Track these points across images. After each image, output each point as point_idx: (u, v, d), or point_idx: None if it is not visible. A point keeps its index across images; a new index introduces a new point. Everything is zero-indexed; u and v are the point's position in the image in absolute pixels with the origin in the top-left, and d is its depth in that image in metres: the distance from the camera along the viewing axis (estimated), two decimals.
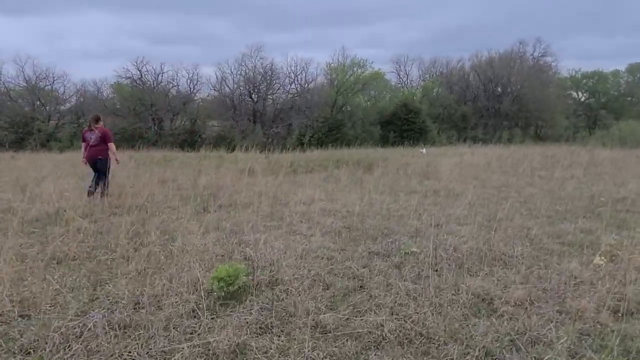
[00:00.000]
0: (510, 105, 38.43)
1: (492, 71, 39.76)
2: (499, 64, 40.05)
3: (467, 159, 16.75)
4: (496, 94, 40.13)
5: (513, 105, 38.48)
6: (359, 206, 6.67)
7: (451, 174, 11.72)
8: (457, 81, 41.41)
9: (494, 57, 40.54)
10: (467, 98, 41.12)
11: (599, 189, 8.87)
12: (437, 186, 8.87)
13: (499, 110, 38.96)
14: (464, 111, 39.54)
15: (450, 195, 7.96)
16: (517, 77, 39.71)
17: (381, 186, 9.23)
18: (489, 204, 7.02)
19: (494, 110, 39.52)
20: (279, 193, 7.78)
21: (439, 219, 5.69)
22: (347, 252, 4.21)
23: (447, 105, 39.52)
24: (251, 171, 12.25)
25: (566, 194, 8.26)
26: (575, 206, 6.83)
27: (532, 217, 6.05)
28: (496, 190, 8.79)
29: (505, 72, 39.46)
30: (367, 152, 22.84)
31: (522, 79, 39.30)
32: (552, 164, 14.94)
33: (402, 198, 7.71)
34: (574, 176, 11.44)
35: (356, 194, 8.04)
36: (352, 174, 11.51)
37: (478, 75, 40.40)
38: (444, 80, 42.37)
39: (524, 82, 38.81)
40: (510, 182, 10.01)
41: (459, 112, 39.64)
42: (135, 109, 31.65)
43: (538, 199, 7.60)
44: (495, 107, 39.30)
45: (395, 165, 14.48)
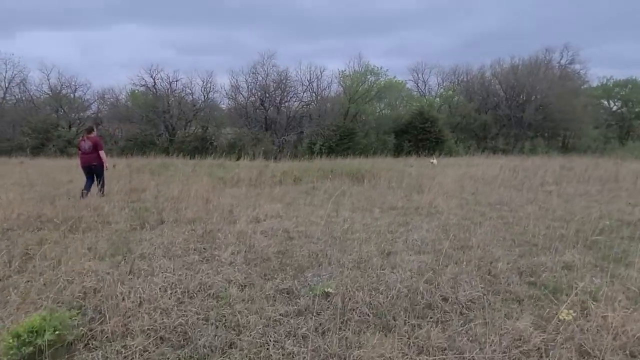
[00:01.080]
0: (534, 114, 36.59)
1: (515, 78, 38.07)
2: (522, 71, 38.33)
3: (476, 170, 15.59)
4: (519, 102, 38.34)
5: (537, 114, 36.63)
6: (316, 225, 5.87)
7: (448, 188, 10.71)
8: (477, 89, 39.87)
9: (517, 64, 38.86)
10: (487, 107, 39.49)
11: (609, 209, 7.71)
12: (423, 202, 7.93)
13: (522, 120, 37.16)
14: (484, 120, 37.98)
15: (430, 214, 7.02)
16: (541, 84, 37.84)
17: (362, 200, 8.37)
18: (471, 226, 6.06)
19: (517, 120, 37.73)
20: (239, 207, 7.06)
21: (397, 245, 4.81)
22: (252, 290, 3.41)
23: (466, 114, 38.05)
24: (235, 181, 11.64)
25: (568, 214, 7.17)
26: (571, 231, 5.78)
27: (513, 244, 5.07)
28: (489, 208, 7.77)
29: (529, 80, 37.68)
30: (374, 161, 21.92)
31: (547, 86, 37.41)
32: (568, 177, 13.64)
33: (373, 216, 6.83)
34: (588, 192, 10.22)
35: (324, 210, 7.22)
36: (340, 186, 10.68)
37: (499, 82, 38.78)
38: (464, 89, 40.93)
39: (548, 90, 36.91)
40: (510, 198, 8.93)
41: (479, 121, 38.11)
42: (147, 116, 31.84)
43: (532, 220, 6.56)
44: (517, 116, 37.52)
45: (395, 176, 13.55)
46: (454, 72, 42.06)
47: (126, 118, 33.60)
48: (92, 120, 33.24)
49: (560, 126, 37.88)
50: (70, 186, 9.67)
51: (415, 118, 34.65)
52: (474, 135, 39.12)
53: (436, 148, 33.27)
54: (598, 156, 26.76)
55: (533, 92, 38.09)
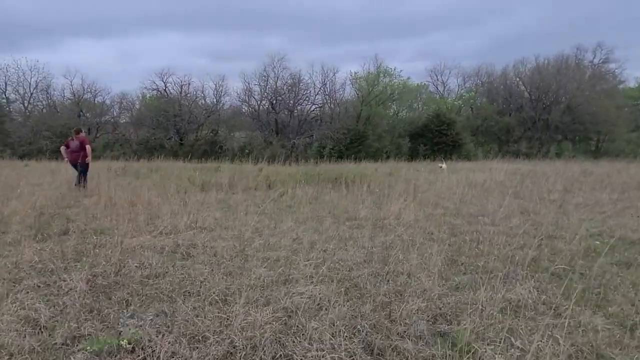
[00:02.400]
0: (561, 116, 34.30)
1: (541, 79, 35.90)
2: (548, 71, 36.12)
3: (483, 176, 14.24)
4: (545, 104, 36.12)
5: (564, 116, 34.32)
6: (235, 240, 4.97)
7: (438, 195, 9.57)
8: (500, 90, 37.88)
9: (543, 63, 36.67)
10: (510, 109, 37.45)
11: (612, 224, 6.41)
12: (390, 212, 6.87)
13: (548, 122, 34.95)
14: (507, 123, 35.97)
15: (387, 227, 5.97)
16: (570, 85, 35.50)
17: (324, 209, 7.40)
18: (424, 245, 4.99)
19: (542, 122, 35.53)
20: (176, 215, 6.24)
21: (306, 269, 3.85)
22: (42, 334, 2.55)
23: (487, 116, 36.18)
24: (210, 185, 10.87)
25: (557, 229, 5.95)
26: (546, 253, 4.63)
27: (457, 271, 4.00)
28: (464, 221, 6.63)
29: (556, 80, 35.43)
30: (380, 166, 20.82)
31: (575, 87, 35.06)
32: (584, 184, 12.14)
33: (321, 228, 5.86)
34: (599, 202, 8.84)
35: (272, 220, 6.31)
36: (316, 192, 9.74)
37: (523, 83, 36.69)
38: (486, 90, 39.02)
39: (577, 91, 34.56)
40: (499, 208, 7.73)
41: (501, 123, 36.14)
42: (158, 120, 31.91)
43: (506, 236, 5.41)
44: (543, 118, 35.33)
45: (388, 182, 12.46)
46: (477, 73, 40.18)
47: (139, 122, 33.86)
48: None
49: (591, 129, 35.38)
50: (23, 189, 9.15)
51: (432, 121, 33.16)
52: (496, 139, 37.17)
53: (453, 152, 31.71)
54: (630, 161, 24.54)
55: (560, 93, 35.80)
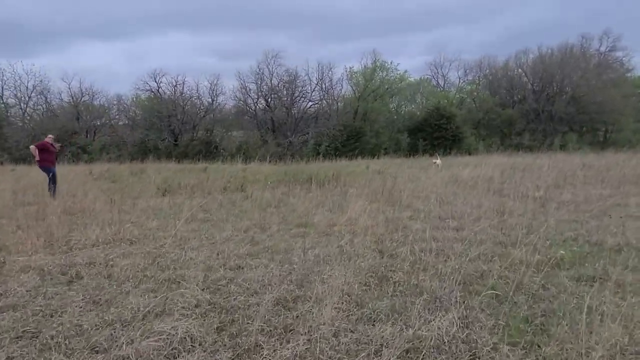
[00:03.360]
0: (565, 107, 33.19)
1: (544, 69, 34.80)
2: (552, 61, 34.99)
3: (473, 171, 13.50)
4: (548, 94, 35.00)
5: (568, 107, 33.20)
6: (143, 257, 4.39)
7: (412, 196, 8.91)
8: (502, 82, 36.82)
9: (546, 53, 35.53)
10: (513, 101, 36.41)
11: (592, 227, 5.70)
12: (346, 217, 6.23)
13: (551, 114, 33.86)
14: (509, 115, 34.93)
15: (334, 235, 5.35)
16: (575, 74, 34.34)
17: (280, 214, 6.79)
18: (363, 257, 4.36)
19: (546, 114, 34.44)
20: (100, 226, 5.68)
21: (198, 294, 3.24)
22: None
23: (488, 109, 35.18)
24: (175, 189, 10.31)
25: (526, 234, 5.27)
26: (495, 269, 3.97)
27: (380, 294, 3.37)
28: (429, 225, 5.97)
29: (559, 70, 34.29)
30: (370, 163, 20.11)
31: (580, 76, 33.89)
32: (580, 178, 11.36)
33: (258, 237, 5.25)
34: (588, 199, 8.11)
35: (211, 228, 5.73)
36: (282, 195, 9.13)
37: (525, 74, 35.61)
38: (487, 82, 37.98)
39: (581, 80, 33.40)
40: (474, 209, 7.05)
41: (503, 116, 35.11)
42: (151, 121, 31.54)
43: (465, 244, 4.76)
44: (546, 109, 34.24)
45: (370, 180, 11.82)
46: (479, 65, 39.05)
47: (134, 123, 33.56)
48: None
49: (597, 119, 34.20)
50: None
51: (431, 115, 32.30)
52: (499, 132, 36.15)
53: (453, 146, 30.83)
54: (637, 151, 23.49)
55: (565, 83, 34.66)
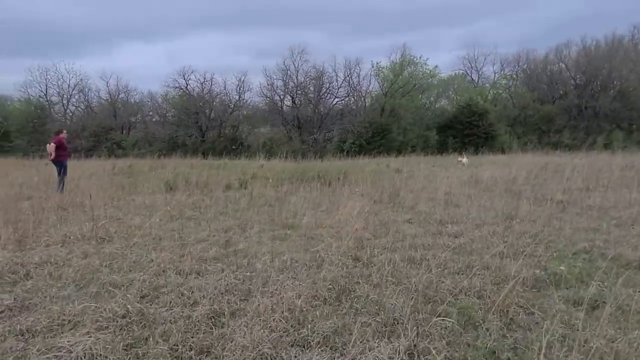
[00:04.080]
0: (611, 103, 30.90)
1: (588, 62, 32.56)
2: (597, 54, 32.68)
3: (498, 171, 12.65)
4: (593, 90, 32.71)
5: (614, 102, 30.89)
6: (95, 258, 4.18)
7: (423, 196, 8.34)
8: (541, 77, 34.79)
9: (590, 46, 33.21)
10: (553, 97, 34.35)
11: (615, 237, 4.99)
12: (336, 219, 5.81)
13: (595, 110, 31.64)
14: (548, 111, 32.96)
15: (316, 239, 4.95)
16: (623, 68, 31.91)
17: (272, 214, 6.46)
18: (334, 266, 3.95)
19: (590, 110, 32.22)
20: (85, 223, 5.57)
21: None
22: None
23: (525, 105, 33.33)
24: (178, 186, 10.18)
25: (531, 244, 4.66)
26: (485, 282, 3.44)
27: (330, 311, 2.96)
28: (425, 230, 5.45)
29: (605, 64, 31.96)
30: (392, 161, 19.45)
31: (629, 70, 31.45)
32: (615, 181, 10.31)
33: (235, 239, 4.95)
34: (616, 205, 7.25)
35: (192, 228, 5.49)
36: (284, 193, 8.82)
37: (567, 68, 33.45)
38: (525, 77, 36.01)
39: (630, 74, 30.99)
40: (480, 213, 6.43)
41: (541, 112, 33.17)
42: (180, 118, 32.19)
43: (454, 254, 4.24)
44: (590, 106, 32.02)
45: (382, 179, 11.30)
46: (517, 59, 37.01)
47: (164, 120, 34.39)
48: None
49: None
50: None
51: (462, 112, 31.01)
52: (536, 129, 34.18)
53: (485, 144, 29.49)
54: None
55: (612, 77, 32.27)
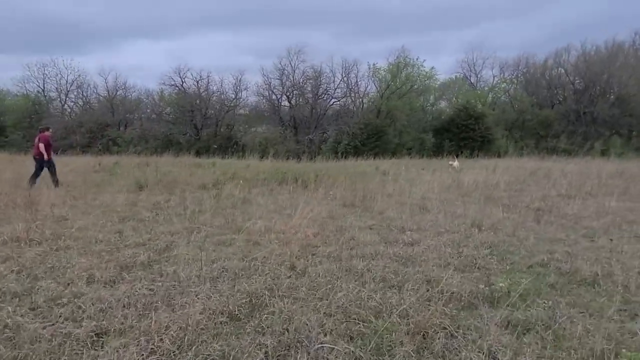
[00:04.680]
0: (609, 108, 30.50)
1: (587, 67, 32.18)
2: (596, 59, 32.30)
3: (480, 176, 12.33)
4: (592, 95, 32.30)
5: (613, 108, 30.49)
6: None
7: (394, 202, 8.05)
8: (540, 81, 34.42)
9: (590, 50, 32.83)
10: (552, 101, 33.98)
11: (580, 249, 4.70)
12: (290, 225, 5.53)
13: (593, 116, 31.26)
14: (546, 116, 32.59)
15: (261, 245, 4.68)
16: (623, 74, 31.50)
17: (231, 217, 6.19)
18: (262, 275, 3.67)
19: (588, 116, 31.83)
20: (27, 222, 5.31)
21: None
22: None
23: (524, 109, 32.97)
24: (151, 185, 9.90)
25: (488, 255, 4.38)
26: (393, 301, 3.16)
27: None
28: (382, 237, 5.16)
29: (604, 69, 31.56)
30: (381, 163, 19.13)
31: (629, 76, 31.04)
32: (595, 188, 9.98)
33: (169, 242, 4.68)
34: (596, 213, 6.95)
35: (132, 231, 5.22)
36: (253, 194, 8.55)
37: (566, 72, 33.07)
38: (524, 81, 35.66)
39: (630, 80, 30.58)
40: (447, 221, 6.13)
41: (540, 117, 32.80)
42: (175, 116, 31.99)
43: (397, 264, 3.96)
44: (588, 111, 31.63)
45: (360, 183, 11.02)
46: (517, 63, 36.60)
47: (159, 117, 34.16)
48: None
49: None
50: None
51: (458, 115, 30.67)
52: (534, 134, 33.79)
53: (482, 148, 29.17)
54: None
55: (611, 82, 31.85)
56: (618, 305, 3.18)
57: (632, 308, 3.11)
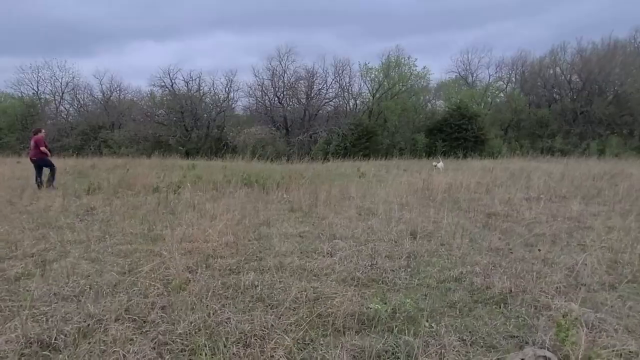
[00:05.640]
0: (606, 107, 29.86)
1: (583, 66, 31.55)
2: (592, 58, 31.65)
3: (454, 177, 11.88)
4: (589, 94, 31.64)
5: (610, 107, 29.85)
6: None
7: (347, 206, 7.64)
8: (536, 80, 33.81)
9: (586, 48, 32.18)
10: (548, 100, 33.36)
11: (507, 261, 4.27)
12: (195, 233, 5.14)
13: (590, 114, 30.61)
14: (542, 116, 32.00)
15: (155, 255, 4.29)
16: (622, 72, 30.85)
17: (153, 224, 5.82)
18: (129, 289, 3.28)
19: (585, 115, 31.18)
20: None
21: None
22: None
23: (519, 109, 32.40)
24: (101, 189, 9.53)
25: (390, 270, 3.96)
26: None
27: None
28: (297, 249, 4.77)
29: (602, 67, 30.90)
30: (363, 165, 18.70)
31: (625, 74, 30.40)
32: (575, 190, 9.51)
33: (65, 252, 4.30)
34: (554, 219, 6.50)
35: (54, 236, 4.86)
36: (200, 196, 8.17)
37: (562, 71, 32.45)
38: (520, 80, 35.06)
39: (627, 78, 29.93)
40: (383, 229, 5.71)
41: (537, 116, 32.21)
42: (165, 116, 31.77)
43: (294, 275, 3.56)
44: (585, 110, 31.00)
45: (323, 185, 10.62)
46: (513, 62, 35.88)
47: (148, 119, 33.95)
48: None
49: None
50: None
51: (451, 115, 30.14)
52: (531, 134, 33.16)
53: (475, 149, 28.66)
54: None
55: (609, 81, 31.19)
56: (511, 330, 2.76)
57: (524, 335, 2.69)
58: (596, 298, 3.27)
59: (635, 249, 4.58)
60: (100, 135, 34.75)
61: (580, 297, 3.15)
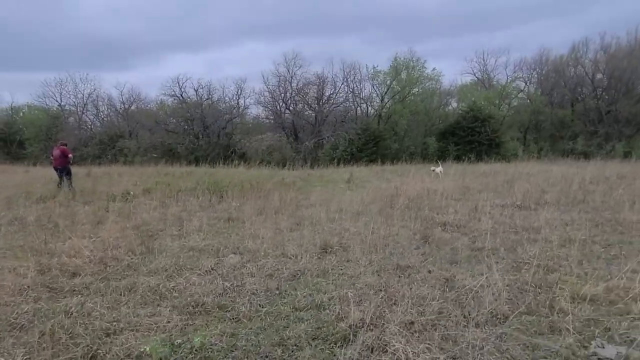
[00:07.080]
0: (633, 106, 27.81)
1: (607, 63, 29.59)
2: (617, 54, 29.64)
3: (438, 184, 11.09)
4: (615, 92, 29.58)
5: (636, 106, 27.77)
6: None
7: (308, 215, 7.09)
8: (557, 79, 31.99)
9: (611, 44, 30.18)
10: (571, 100, 31.47)
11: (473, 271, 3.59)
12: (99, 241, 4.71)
13: (615, 114, 28.60)
14: (563, 116, 30.20)
15: (43, 269, 3.88)
16: None
17: (65, 236, 5.46)
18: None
19: (611, 114, 29.15)
20: None
21: None
22: None
23: (538, 110, 30.70)
24: None
25: (335, 290, 3.37)
26: None
27: None
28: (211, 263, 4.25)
29: (628, 64, 28.86)
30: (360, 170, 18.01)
31: None
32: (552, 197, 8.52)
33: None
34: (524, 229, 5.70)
35: None
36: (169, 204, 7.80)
37: (584, 69, 30.54)
38: (539, 80, 33.29)
39: None
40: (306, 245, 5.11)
41: (558, 116, 30.41)
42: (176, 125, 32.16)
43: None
44: (610, 109, 28.99)
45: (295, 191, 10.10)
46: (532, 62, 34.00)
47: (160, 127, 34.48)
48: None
49: None
50: None
51: (464, 117, 28.85)
52: (551, 136, 31.34)
53: (490, 152, 27.27)
54: None
55: (635, 79, 29.05)
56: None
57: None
58: (460, 338, 2.57)
59: (572, 270, 3.78)
60: (117, 144, 35.56)
61: (438, 337, 2.47)
